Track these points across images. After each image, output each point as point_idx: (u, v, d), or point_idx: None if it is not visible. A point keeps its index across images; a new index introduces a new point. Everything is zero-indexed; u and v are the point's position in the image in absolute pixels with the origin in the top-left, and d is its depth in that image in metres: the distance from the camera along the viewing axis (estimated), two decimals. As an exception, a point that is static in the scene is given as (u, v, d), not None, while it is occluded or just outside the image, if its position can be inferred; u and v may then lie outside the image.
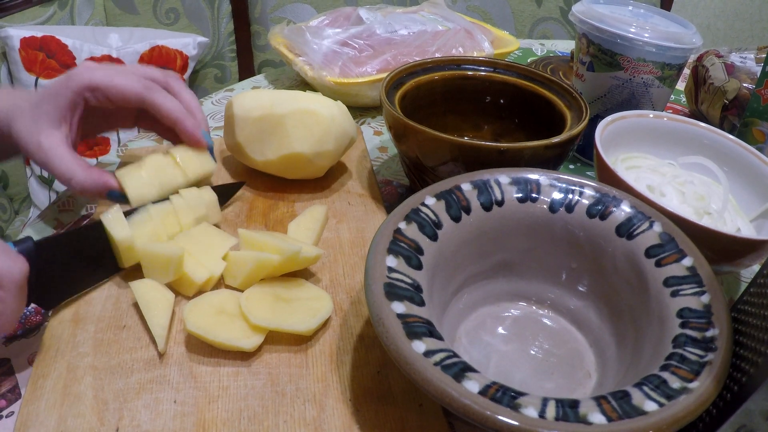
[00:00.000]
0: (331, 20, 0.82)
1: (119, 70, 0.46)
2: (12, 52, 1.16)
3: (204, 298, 0.40)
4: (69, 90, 0.44)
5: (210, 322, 0.38)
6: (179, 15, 1.33)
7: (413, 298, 0.32)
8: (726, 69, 0.68)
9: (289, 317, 0.39)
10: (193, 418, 0.34)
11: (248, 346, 0.37)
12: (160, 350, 0.38)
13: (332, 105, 0.52)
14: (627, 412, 0.27)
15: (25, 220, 1.16)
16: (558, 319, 0.41)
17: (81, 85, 0.45)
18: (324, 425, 0.34)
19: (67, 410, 0.34)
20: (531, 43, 0.99)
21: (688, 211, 0.46)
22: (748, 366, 0.29)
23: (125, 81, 0.45)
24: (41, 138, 0.44)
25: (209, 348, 0.38)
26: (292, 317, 0.39)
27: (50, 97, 0.44)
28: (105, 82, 0.45)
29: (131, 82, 0.46)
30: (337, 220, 0.51)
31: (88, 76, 0.45)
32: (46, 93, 0.45)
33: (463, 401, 0.27)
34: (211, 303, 0.40)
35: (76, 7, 1.27)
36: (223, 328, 0.38)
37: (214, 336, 0.37)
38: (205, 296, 0.41)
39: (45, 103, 0.44)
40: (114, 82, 0.45)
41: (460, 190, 0.40)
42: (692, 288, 0.34)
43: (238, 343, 0.37)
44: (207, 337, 0.37)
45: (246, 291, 0.41)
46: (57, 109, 0.44)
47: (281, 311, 0.39)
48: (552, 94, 0.54)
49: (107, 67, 0.46)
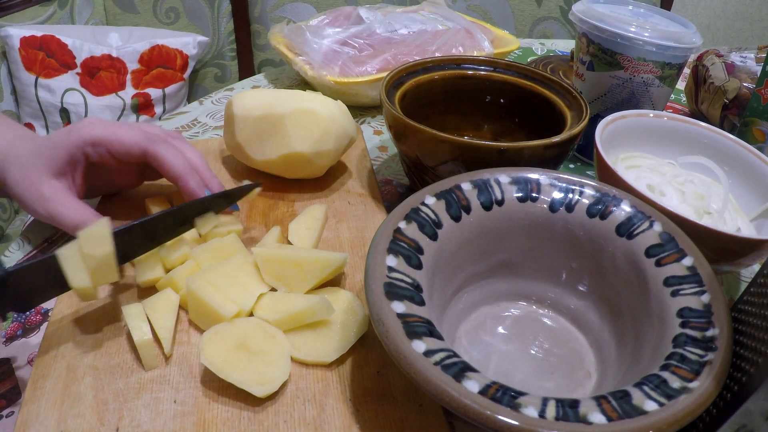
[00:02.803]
0: (331, 19, 0.82)
1: (121, 124, 0.45)
2: (12, 51, 1.16)
3: (228, 328, 0.37)
4: (69, 143, 0.43)
5: (226, 358, 0.36)
6: (179, 14, 1.33)
7: (413, 298, 0.32)
8: (726, 68, 0.68)
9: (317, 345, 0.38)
10: (193, 418, 0.34)
11: (260, 393, 0.34)
12: (166, 353, 0.38)
13: (332, 104, 0.52)
14: (627, 411, 0.27)
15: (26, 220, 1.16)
16: (558, 319, 0.41)
17: (81, 139, 0.43)
18: (324, 425, 0.34)
19: (67, 410, 0.34)
20: (531, 43, 0.99)
21: (688, 210, 0.46)
22: (748, 366, 0.29)
23: (127, 133, 0.44)
24: (43, 189, 0.42)
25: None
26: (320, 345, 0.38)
27: (49, 149, 0.43)
28: (106, 136, 0.44)
29: (133, 134, 0.44)
30: (337, 220, 0.51)
31: (88, 130, 0.43)
32: (46, 143, 0.43)
33: (463, 401, 0.27)
34: (234, 335, 0.37)
35: (75, 6, 1.27)
36: (237, 367, 0.35)
37: (226, 375, 0.35)
38: (230, 326, 0.37)
39: (43, 154, 0.43)
40: (116, 135, 0.44)
41: (460, 190, 0.40)
42: (692, 288, 0.34)
43: (249, 389, 0.34)
44: (218, 375, 0.35)
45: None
46: (55, 162, 0.43)
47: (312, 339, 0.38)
48: (552, 93, 0.54)
49: (109, 122, 0.45)
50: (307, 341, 0.38)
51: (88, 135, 0.43)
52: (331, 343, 0.38)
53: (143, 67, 1.24)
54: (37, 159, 0.43)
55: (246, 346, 0.36)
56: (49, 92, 1.19)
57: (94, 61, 1.21)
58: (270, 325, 0.38)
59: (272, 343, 0.37)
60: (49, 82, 1.18)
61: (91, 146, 0.44)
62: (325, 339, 0.38)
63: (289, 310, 0.39)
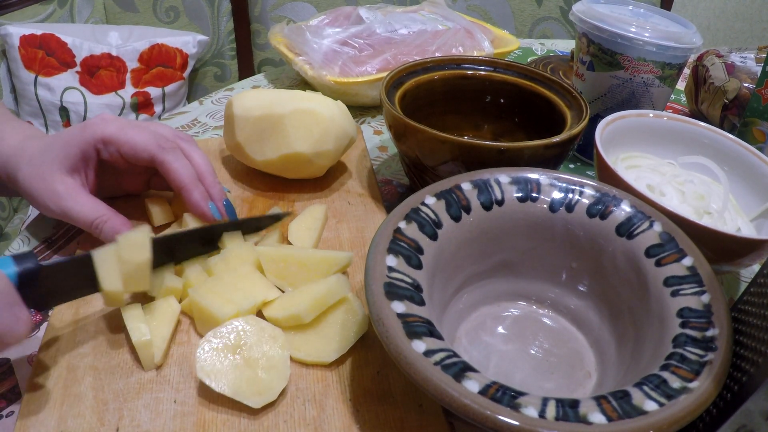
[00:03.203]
0: (331, 19, 0.82)
1: (134, 125, 0.45)
2: (11, 49, 1.16)
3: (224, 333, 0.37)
4: (82, 140, 0.43)
5: (222, 368, 0.35)
6: (179, 13, 1.33)
7: (413, 298, 0.32)
8: (726, 69, 0.68)
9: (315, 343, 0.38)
10: (193, 418, 0.34)
11: (255, 405, 0.34)
12: (156, 362, 0.37)
13: (332, 104, 0.52)
14: (627, 411, 0.27)
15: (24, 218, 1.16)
16: (558, 319, 0.41)
17: (94, 136, 0.43)
18: (324, 425, 0.34)
19: (67, 410, 0.34)
20: (531, 43, 0.99)
21: (688, 210, 0.46)
22: (748, 366, 0.29)
23: (138, 136, 0.44)
24: (56, 185, 0.42)
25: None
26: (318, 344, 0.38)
27: (61, 146, 0.42)
28: (118, 136, 0.43)
29: (144, 138, 0.44)
30: (337, 220, 0.51)
31: (101, 128, 0.43)
32: (57, 139, 0.43)
33: (463, 401, 0.27)
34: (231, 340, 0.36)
35: (75, 5, 1.27)
36: (233, 377, 0.35)
37: (220, 389, 0.34)
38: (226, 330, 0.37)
39: (55, 150, 0.42)
40: (127, 136, 0.43)
41: (460, 190, 0.40)
42: (692, 288, 0.34)
43: (245, 401, 0.34)
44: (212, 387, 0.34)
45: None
46: (68, 158, 0.42)
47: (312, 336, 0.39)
48: (552, 93, 0.54)
49: (122, 121, 0.45)
50: (307, 341, 0.38)
51: (101, 132, 0.43)
52: (331, 344, 0.38)
53: (143, 65, 1.24)
54: (48, 155, 0.42)
55: (243, 354, 0.36)
56: (48, 91, 1.19)
57: (94, 59, 1.21)
58: (270, 327, 0.38)
59: (272, 345, 0.37)
60: (49, 80, 1.18)
61: (102, 144, 0.44)
62: (325, 339, 0.38)
63: (313, 295, 0.38)
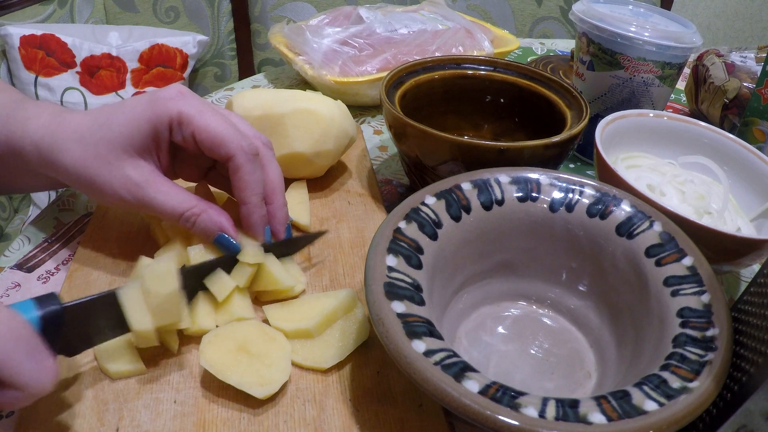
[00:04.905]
0: (331, 19, 0.82)
1: (212, 108, 0.38)
2: (12, 50, 1.16)
3: (227, 331, 0.37)
4: (153, 115, 0.36)
5: (225, 361, 0.35)
6: (179, 13, 1.33)
7: (413, 298, 0.32)
8: (726, 68, 0.68)
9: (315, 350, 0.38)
10: (193, 418, 0.34)
11: (260, 395, 0.34)
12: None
13: (332, 104, 0.52)
14: (627, 411, 0.27)
15: (25, 219, 1.16)
16: (558, 319, 0.41)
17: (169, 112, 0.36)
18: (324, 425, 0.34)
19: (67, 410, 0.34)
20: (531, 42, 0.99)
21: (688, 210, 0.46)
22: (748, 366, 0.29)
23: (220, 126, 0.36)
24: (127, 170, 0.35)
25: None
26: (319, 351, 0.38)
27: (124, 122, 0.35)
28: (197, 119, 0.36)
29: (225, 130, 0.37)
30: (337, 220, 0.51)
31: (177, 104, 0.36)
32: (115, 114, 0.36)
33: (463, 401, 0.27)
34: (234, 337, 0.36)
35: (75, 5, 1.27)
36: (237, 369, 0.35)
37: (225, 377, 0.34)
38: (229, 328, 0.37)
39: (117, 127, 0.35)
40: (207, 121, 0.36)
41: (460, 190, 0.40)
42: (692, 287, 0.34)
43: (249, 390, 0.34)
44: (217, 377, 0.34)
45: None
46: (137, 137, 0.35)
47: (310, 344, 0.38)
48: (552, 93, 0.54)
49: (200, 100, 0.38)
50: (306, 346, 0.38)
51: (177, 109, 0.36)
52: (330, 349, 0.38)
53: (143, 66, 1.24)
54: (107, 133, 0.35)
55: (246, 349, 0.36)
56: (48, 91, 1.19)
57: (94, 60, 1.21)
58: (270, 328, 0.38)
59: (273, 345, 0.37)
60: (49, 80, 1.18)
61: (177, 123, 0.36)
62: (325, 345, 0.38)
63: (323, 312, 0.38)
